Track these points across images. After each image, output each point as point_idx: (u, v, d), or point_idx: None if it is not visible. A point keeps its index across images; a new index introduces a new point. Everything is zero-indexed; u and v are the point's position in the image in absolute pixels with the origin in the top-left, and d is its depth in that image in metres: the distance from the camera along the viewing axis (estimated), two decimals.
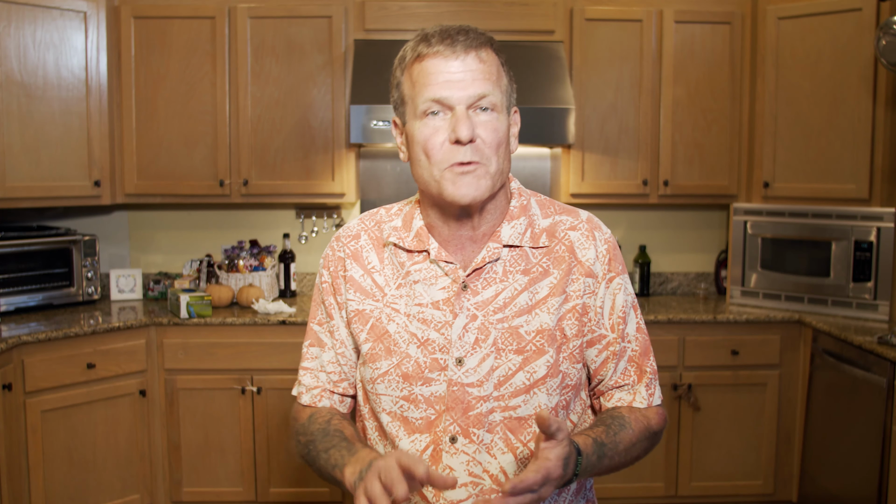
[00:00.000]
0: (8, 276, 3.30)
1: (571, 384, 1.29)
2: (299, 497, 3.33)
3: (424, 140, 1.20)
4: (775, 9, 3.46)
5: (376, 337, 1.30)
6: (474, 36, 1.20)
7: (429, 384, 1.25)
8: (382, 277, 1.32)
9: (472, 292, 1.26)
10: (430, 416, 1.25)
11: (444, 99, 1.18)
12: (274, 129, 3.50)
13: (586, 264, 1.29)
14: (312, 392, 1.38)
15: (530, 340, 1.25)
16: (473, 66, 1.19)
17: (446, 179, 1.20)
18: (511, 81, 1.27)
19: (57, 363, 3.00)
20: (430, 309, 1.27)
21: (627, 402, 1.33)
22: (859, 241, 3.29)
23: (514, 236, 1.28)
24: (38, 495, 2.95)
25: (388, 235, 1.33)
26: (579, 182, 3.57)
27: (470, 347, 1.25)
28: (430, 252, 1.28)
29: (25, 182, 3.21)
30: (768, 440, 3.40)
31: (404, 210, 1.36)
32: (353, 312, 1.32)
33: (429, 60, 1.19)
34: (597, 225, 1.33)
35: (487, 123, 1.19)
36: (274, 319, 3.26)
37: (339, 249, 1.36)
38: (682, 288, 3.99)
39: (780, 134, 3.48)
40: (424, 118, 1.20)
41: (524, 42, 3.47)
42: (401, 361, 1.27)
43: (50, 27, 3.24)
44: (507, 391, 1.24)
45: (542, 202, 1.35)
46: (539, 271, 1.28)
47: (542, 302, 1.27)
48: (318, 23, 3.45)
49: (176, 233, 3.89)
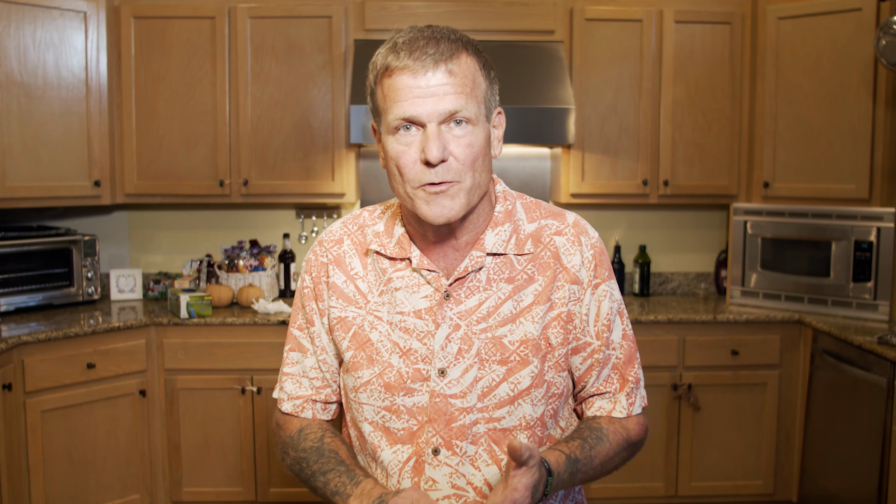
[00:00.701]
0: (8, 276, 3.30)
1: (558, 392, 1.28)
2: (299, 497, 3.33)
3: (396, 157, 1.16)
4: (775, 9, 3.46)
5: (358, 345, 1.27)
6: (445, 45, 1.14)
7: (411, 395, 1.23)
8: (366, 284, 1.29)
9: (455, 301, 1.23)
10: (413, 427, 1.24)
11: (414, 117, 1.14)
12: (274, 129, 3.50)
13: (572, 271, 1.26)
14: (295, 402, 1.35)
15: (514, 351, 1.23)
16: (444, 81, 1.13)
17: (419, 199, 1.16)
18: (492, 83, 1.21)
19: (57, 363, 3.00)
20: (412, 318, 1.24)
21: (607, 412, 1.31)
22: (859, 241, 3.29)
23: (499, 244, 1.25)
24: (38, 495, 2.95)
25: (370, 242, 1.29)
26: (579, 182, 3.56)
27: (453, 358, 1.22)
28: (412, 260, 1.25)
29: (25, 182, 3.21)
30: (768, 440, 3.40)
31: (386, 215, 1.33)
32: (335, 319, 1.30)
33: (397, 76, 1.14)
34: (583, 229, 1.30)
35: (461, 139, 1.15)
36: (274, 319, 3.26)
37: (322, 254, 1.33)
38: (682, 288, 3.99)
39: (780, 134, 3.48)
40: (396, 134, 1.16)
41: (524, 42, 3.47)
42: (383, 371, 1.25)
43: (50, 27, 3.24)
44: (492, 402, 1.23)
45: (527, 205, 1.32)
46: (524, 278, 1.25)
47: (526, 310, 1.24)
48: (318, 23, 3.45)
49: (176, 233, 3.89)
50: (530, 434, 1.25)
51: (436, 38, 1.15)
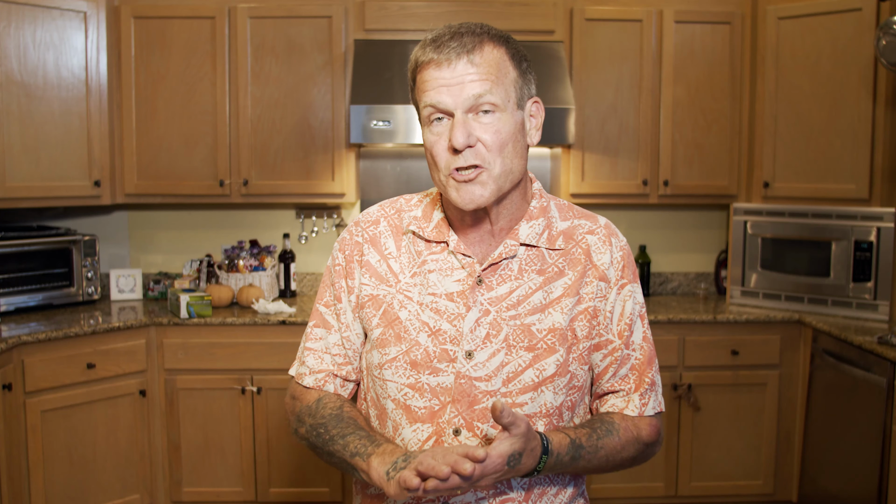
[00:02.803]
0: (8, 276, 3.30)
1: (578, 385, 1.31)
2: (299, 497, 3.33)
3: (430, 146, 1.24)
4: (775, 9, 3.46)
5: (387, 322, 1.30)
6: (468, 38, 1.21)
7: (436, 374, 1.26)
8: (398, 264, 1.33)
9: (487, 287, 1.28)
10: (434, 407, 1.26)
11: (440, 104, 1.20)
12: (274, 129, 3.50)
13: (601, 268, 1.31)
14: (317, 375, 1.37)
15: (541, 338, 1.26)
16: (467, 70, 1.20)
17: (450, 186, 1.23)
18: (524, 73, 1.27)
19: (57, 363, 3.00)
20: (444, 300, 1.28)
21: (620, 409, 1.33)
22: (859, 241, 3.29)
23: (532, 236, 1.30)
24: (38, 495, 2.95)
25: (407, 224, 1.34)
26: (579, 182, 3.57)
27: (480, 342, 1.26)
28: (448, 243, 1.30)
29: (25, 182, 3.21)
30: (768, 440, 3.41)
31: (424, 202, 1.38)
32: (366, 297, 1.33)
33: (425, 70, 1.22)
34: (614, 232, 1.36)
35: (489, 125, 1.20)
36: (274, 319, 3.26)
37: (358, 234, 1.37)
38: (682, 288, 3.99)
39: (780, 134, 3.48)
40: (430, 125, 1.23)
41: (524, 42, 3.45)
42: (410, 348, 1.28)
43: (50, 27, 3.24)
44: (516, 388, 1.25)
45: (561, 206, 1.37)
46: (554, 272, 1.29)
47: (555, 301, 1.28)
48: (318, 23, 3.45)
49: (176, 233, 3.89)
50: (548, 422, 1.27)
51: (460, 32, 1.22)
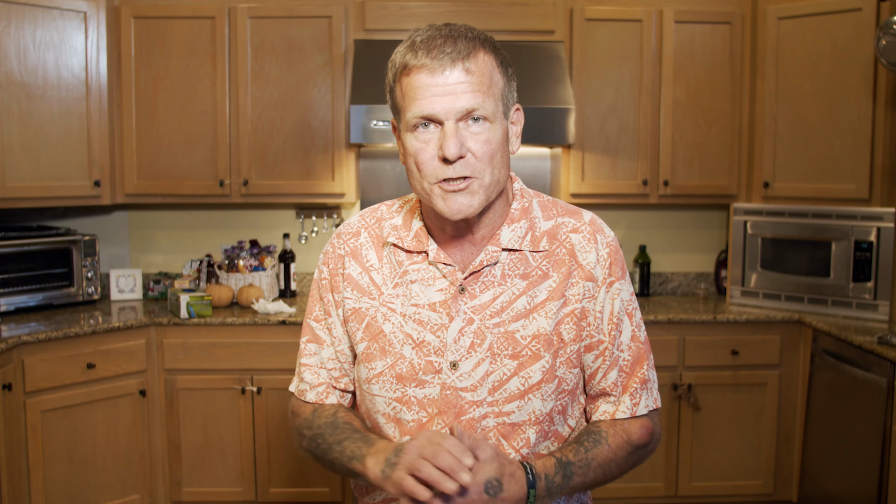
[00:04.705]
0: (8, 276, 3.30)
1: (568, 389, 1.29)
2: (299, 497, 3.33)
3: (415, 153, 1.18)
4: (775, 9, 3.46)
5: (371, 336, 1.29)
6: (463, 44, 1.16)
7: (422, 386, 1.25)
8: (380, 276, 1.31)
9: (470, 295, 1.25)
10: (423, 419, 1.25)
11: (432, 115, 1.15)
12: (274, 129, 3.50)
13: (587, 268, 1.27)
14: (318, 389, 1.37)
15: (526, 345, 1.24)
16: (461, 79, 1.15)
17: (436, 195, 1.19)
18: (509, 80, 1.22)
19: (57, 363, 3.00)
20: (427, 310, 1.26)
21: (611, 414, 1.31)
22: (859, 241, 3.29)
23: (514, 240, 1.27)
24: (38, 495, 2.95)
25: (387, 235, 1.32)
26: (579, 182, 3.56)
27: (465, 351, 1.24)
28: (428, 253, 1.27)
29: (25, 182, 3.21)
30: (768, 440, 3.40)
31: (404, 209, 1.35)
32: (350, 311, 1.32)
33: (415, 75, 1.16)
34: (599, 227, 1.31)
35: (479, 136, 1.16)
36: (274, 319, 3.26)
37: (340, 247, 1.35)
38: (682, 288, 3.99)
39: (780, 134, 3.48)
40: (415, 131, 1.18)
41: (524, 42, 3.47)
42: (395, 362, 1.26)
43: (50, 27, 3.24)
44: (502, 397, 1.24)
45: (544, 203, 1.33)
46: (538, 275, 1.26)
47: (540, 306, 1.25)
48: (318, 23, 3.45)
49: (176, 233, 3.89)
50: (538, 429, 1.26)
51: (453, 36, 1.16)
